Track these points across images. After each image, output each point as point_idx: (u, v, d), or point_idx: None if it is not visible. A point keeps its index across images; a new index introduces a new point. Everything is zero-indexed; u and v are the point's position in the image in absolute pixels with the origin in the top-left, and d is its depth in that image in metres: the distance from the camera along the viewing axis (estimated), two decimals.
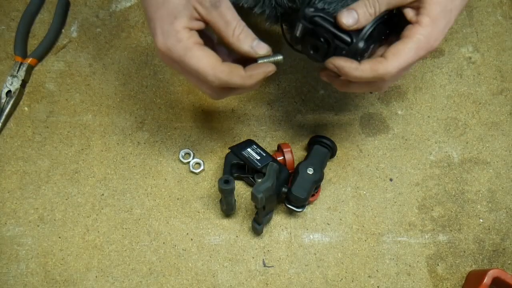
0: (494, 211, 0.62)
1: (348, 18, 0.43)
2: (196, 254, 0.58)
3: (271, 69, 0.44)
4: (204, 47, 0.42)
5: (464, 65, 0.70)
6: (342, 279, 0.58)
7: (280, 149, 0.61)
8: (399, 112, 0.67)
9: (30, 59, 0.66)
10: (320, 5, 0.47)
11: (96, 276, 0.57)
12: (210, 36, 0.46)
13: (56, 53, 0.68)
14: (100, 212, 0.60)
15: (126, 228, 0.59)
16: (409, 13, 0.44)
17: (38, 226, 0.59)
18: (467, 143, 0.65)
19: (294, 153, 0.62)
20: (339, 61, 0.44)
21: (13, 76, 0.65)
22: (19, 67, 0.65)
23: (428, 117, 0.67)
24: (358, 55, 0.45)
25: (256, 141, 0.62)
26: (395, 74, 0.43)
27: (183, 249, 0.58)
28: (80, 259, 0.58)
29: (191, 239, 0.59)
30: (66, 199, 0.60)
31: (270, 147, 0.64)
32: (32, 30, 0.69)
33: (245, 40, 0.42)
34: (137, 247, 0.58)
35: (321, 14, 0.46)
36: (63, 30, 0.69)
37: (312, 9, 0.46)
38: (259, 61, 0.44)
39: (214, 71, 0.41)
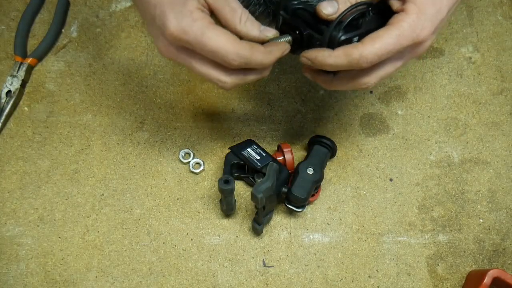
0: (494, 211, 0.62)
1: (328, 8, 0.42)
2: (196, 254, 0.58)
3: (287, 47, 0.43)
4: (220, 26, 0.40)
5: (464, 65, 0.70)
6: (342, 279, 0.58)
7: (280, 149, 0.61)
8: (399, 112, 0.67)
9: (30, 59, 0.66)
10: None
11: (96, 276, 0.57)
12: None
13: (56, 53, 0.68)
14: (100, 212, 0.60)
15: (126, 228, 0.59)
16: (395, 4, 0.43)
17: (38, 226, 0.59)
18: (467, 143, 0.65)
19: (294, 153, 0.62)
20: (311, 52, 0.43)
21: (13, 76, 0.65)
22: (19, 67, 0.65)
23: (428, 117, 0.67)
24: (336, 45, 0.43)
25: (256, 141, 0.62)
26: (373, 60, 0.40)
27: (183, 249, 0.58)
28: (80, 259, 0.57)
29: (191, 239, 0.59)
30: (66, 199, 0.60)
31: (270, 147, 0.64)
32: (32, 30, 0.69)
33: (252, 26, 0.41)
34: (137, 247, 0.58)
35: (302, 7, 0.45)
36: (63, 30, 0.69)
37: (295, 2, 0.46)
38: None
39: (235, 48, 0.39)
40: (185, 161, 0.62)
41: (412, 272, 0.58)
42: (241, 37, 0.41)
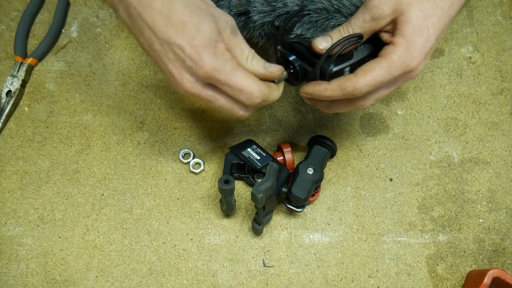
0: (494, 211, 0.62)
1: (322, 43, 0.46)
2: (196, 254, 0.58)
3: (284, 76, 0.48)
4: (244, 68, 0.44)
5: (464, 65, 0.70)
6: (342, 279, 0.58)
7: (280, 149, 0.61)
8: (399, 112, 0.67)
9: (30, 59, 0.66)
10: (298, 31, 0.50)
11: (96, 276, 0.57)
12: None
13: (56, 53, 0.68)
14: (100, 212, 0.60)
15: (126, 228, 0.59)
16: (385, 36, 0.45)
17: (38, 226, 0.59)
18: (467, 143, 0.65)
19: (294, 153, 0.62)
20: (308, 87, 0.47)
21: (13, 76, 0.65)
22: (19, 67, 0.65)
23: (428, 117, 0.67)
24: (328, 77, 0.46)
25: (256, 141, 0.62)
26: (366, 91, 0.44)
27: (183, 249, 0.58)
28: (80, 259, 0.58)
29: (191, 239, 0.59)
30: (66, 199, 0.60)
31: (270, 147, 0.64)
32: (32, 30, 0.69)
33: (258, 64, 0.45)
34: (137, 247, 0.58)
35: (299, 40, 0.48)
36: (63, 30, 0.69)
37: (292, 36, 0.49)
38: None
39: (259, 87, 0.43)
40: (185, 161, 0.62)
41: (412, 272, 0.58)
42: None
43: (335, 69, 0.46)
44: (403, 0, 0.43)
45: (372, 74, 0.43)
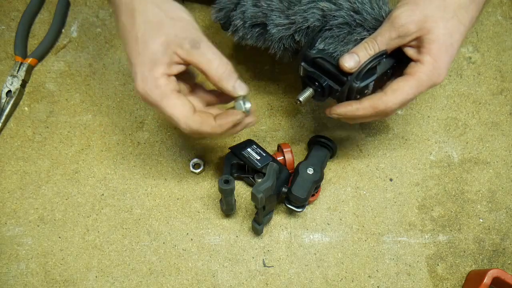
0: (494, 211, 0.62)
1: (350, 62, 0.46)
2: (196, 254, 0.58)
3: (239, 117, 0.45)
4: (180, 95, 0.44)
5: (464, 65, 0.70)
6: (342, 279, 0.58)
7: (280, 149, 0.61)
8: (399, 112, 0.67)
9: (30, 59, 0.66)
10: (321, 46, 0.49)
11: (96, 276, 0.57)
12: (191, 75, 0.48)
13: (56, 53, 0.68)
14: (100, 212, 0.60)
15: (126, 228, 0.59)
16: (410, 51, 0.46)
17: (38, 226, 0.59)
18: (467, 143, 0.65)
19: (294, 153, 0.62)
20: (340, 109, 0.48)
21: (13, 76, 0.65)
22: (19, 67, 0.65)
23: (428, 117, 0.67)
24: (355, 93, 0.47)
25: (256, 141, 0.62)
26: (397, 108, 0.46)
27: (183, 249, 0.58)
28: (80, 259, 0.58)
29: (191, 239, 0.59)
30: (66, 199, 0.60)
31: (270, 147, 0.64)
32: (32, 30, 0.69)
33: (228, 78, 0.44)
34: (137, 247, 0.58)
35: (322, 56, 0.48)
36: (63, 30, 0.69)
37: (314, 51, 0.49)
38: (234, 104, 0.46)
39: (185, 120, 0.43)
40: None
41: (412, 272, 0.58)
42: (217, 88, 0.45)
43: (362, 84, 0.46)
44: (428, 18, 0.43)
45: (402, 93, 0.45)
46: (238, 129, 0.47)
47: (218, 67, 0.43)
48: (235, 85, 0.44)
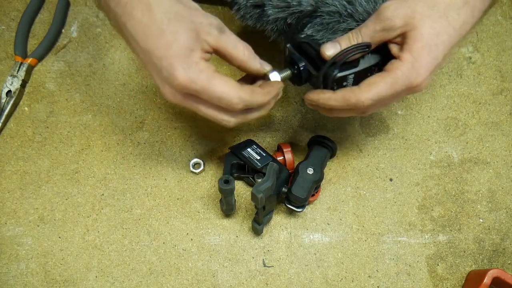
0: (494, 211, 0.62)
1: (330, 50, 0.45)
2: (196, 254, 0.58)
3: (281, 85, 0.47)
4: (222, 74, 0.43)
5: (464, 65, 0.70)
6: (342, 279, 0.58)
7: (280, 149, 0.61)
8: (399, 112, 0.67)
9: (30, 59, 0.66)
10: (309, 32, 0.50)
11: (96, 276, 0.57)
12: None
13: (56, 53, 0.68)
14: (100, 212, 0.60)
15: (126, 228, 0.59)
16: (393, 48, 0.45)
17: (38, 226, 0.59)
18: (467, 143, 0.65)
19: (294, 153, 0.62)
20: (313, 95, 0.47)
21: (13, 76, 0.65)
22: (19, 67, 0.65)
23: (428, 117, 0.67)
24: (331, 82, 0.46)
25: (256, 141, 0.62)
26: (369, 104, 0.44)
27: (183, 249, 0.58)
28: (80, 259, 0.58)
29: (191, 239, 0.59)
30: (66, 199, 0.60)
31: (270, 147, 0.64)
32: (32, 30, 0.69)
33: (254, 59, 0.45)
34: (137, 247, 0.58)
35: (308, 41, 0.48)
36: (63, 30, 0.69)
37: (302, 35, 0.50)
38: (271, 78, 0.47)
39: (238, 94, 0.42)
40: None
41: (412, 272, 0.58)
42: (244, 70, 0.45)
43: (339, 74, 0.46)
44: (416, 14, 0.42)
45: (376, 88, 0.43)
46: (277, 98, 0.48)
47: (244, 49, 0.44)
48: (261, 62, 0.45)
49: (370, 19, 0.45)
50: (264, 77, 0.47)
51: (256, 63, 0.45)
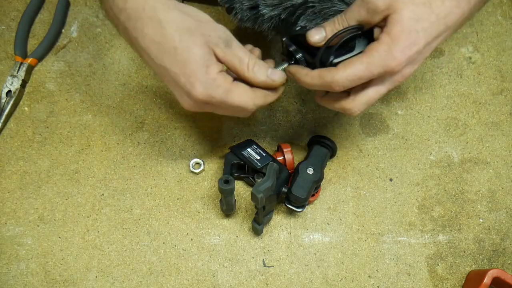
0: (494, 211, 0.62)
1: (315, 35, 0.46)
2: (196, 254, 0.58)
3: (284, 75, 0.48)
4: (236, 82, 0.45)
5: (464, 65, 0.70)
6: (342, 279, 0.58)
7: (280, 149, 0.61)
8: (399, 112, 0.67)
9: (30, 59, 0.66)
10: (303, 23, 0.50)
11: (96, 276, 0.57)
12: None
13: (56, 53, 0.68)
14: (100, 212, 0.60)
15: (126, 228, 0.59)
16: (376, 32, 0.45)
17: (38, 226, 0.59)
18: (467, 143, 0.65)
19: (294, 153, 0.62)
20: (293, 67, 0.48)
21: (13, 76, 0.65)
22: (19, 67, 0.65)
23: (428, 117, 0.67)
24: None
25: (256, 141, 0.62)
26: (345, 85, 0.43)
27: (183, 249, 0.58)
28: (80, 259, 0.58)
29: (191, 239, 0.59)
30: (66, 199, 0.60)
31: (270, 147, 0.64)
32: (32, 30, 0.69)
33: (260, 71, 0.45)
34: (137, 247, 0.58)
35: (302, 32, 0.48)
36: (63, 30, 0.69)
37: (297, 28, 0.50)
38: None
39: (253, 101, 0.46)
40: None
41: (412, 272, 0.58)
42: (250, 84, 0.46)
43: (335, 60, 0.45)
44: None
45: (351, 68, 0.42)
46: (283, 88, 0.50)
47: (249, 62, 0.45)
48: (267, 73, 0.46)
49: (355, 3, 0.45)
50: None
51: (261, 76, 0.45)
